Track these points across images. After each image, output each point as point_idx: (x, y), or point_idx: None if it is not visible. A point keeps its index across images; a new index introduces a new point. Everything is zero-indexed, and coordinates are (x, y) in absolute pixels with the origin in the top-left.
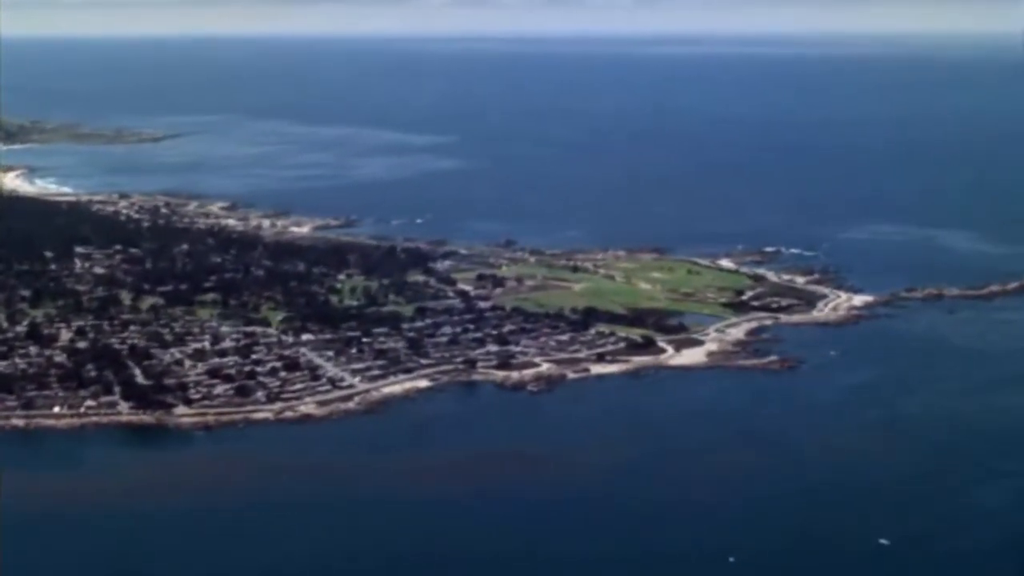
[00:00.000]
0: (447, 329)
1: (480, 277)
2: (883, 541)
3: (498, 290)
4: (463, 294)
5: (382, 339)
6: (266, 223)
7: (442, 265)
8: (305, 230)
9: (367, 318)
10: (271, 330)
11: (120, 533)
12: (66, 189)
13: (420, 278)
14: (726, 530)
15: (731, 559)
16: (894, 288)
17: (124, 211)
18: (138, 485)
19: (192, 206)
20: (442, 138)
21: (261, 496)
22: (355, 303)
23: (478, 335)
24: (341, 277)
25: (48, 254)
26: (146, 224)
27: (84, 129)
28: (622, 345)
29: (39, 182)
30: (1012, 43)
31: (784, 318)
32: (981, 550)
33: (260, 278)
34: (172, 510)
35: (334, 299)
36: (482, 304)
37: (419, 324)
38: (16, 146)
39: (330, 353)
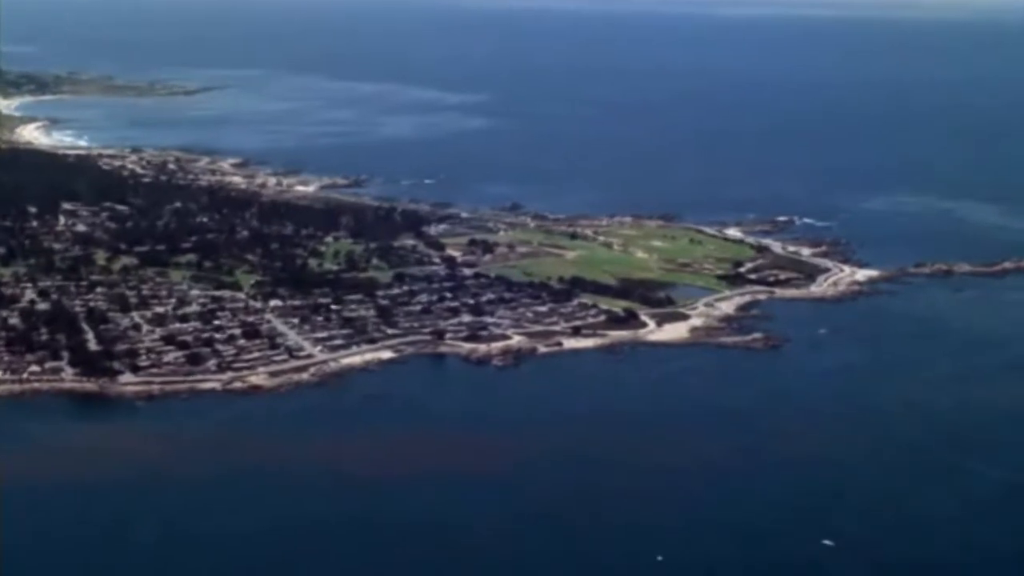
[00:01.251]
0: (423, 297)
1: (471, 243)
2: (827, 543)
3: (487, 256)
4: (449, 260)
5: (353, 306)
6: (272, 181)
7: (436, 229)
8: (310, 189)
9: (342, 284)
10: (240, 295)
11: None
12: (81, 142)
13: (410, 242)
14: (657, 526)
15: (659, 558)
16: (902, 263)
17: (130, 166)
18: (50, 456)
19: (203, 162)
20: (478, 96)
21: (164, 472)
22: (334, 268)
23: (454, 304)
24: (328, 240)
25: (32, 210)
26: (146, 181)
27: (118, 81)
28: (602, 318)
29: (56, 134)
30: None
31: (779, 292)
32: (924, 561)
33: (243, 240)
34: (73, 485)
35: (314, 263)
36: (466, 271)
37: (395, 291)
38: (47, 97)
39: (295, 320)
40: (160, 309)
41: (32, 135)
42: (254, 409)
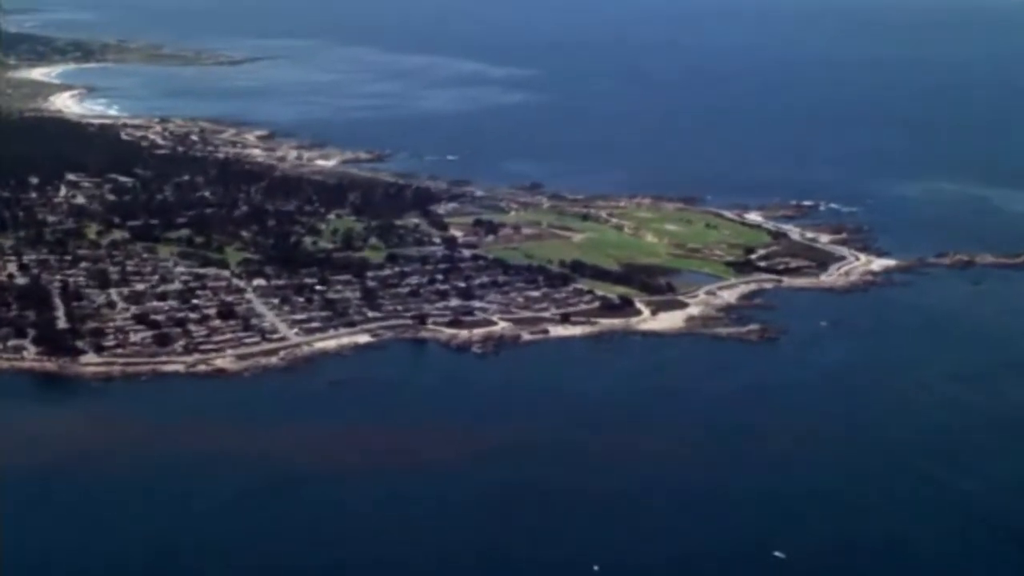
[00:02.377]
0: (413, 279)
1: (477, 223)
2: (778, 554)
3: (490, 237)
4: (449, 240)
5: (339, 287)
6: (293, 155)
7: (445, 208)
8: (330, 163)
9: (332, 263)
10: (226, 273)
11: None
12: (111, 111)
13: (415, 221)
14: (600, 528)
15: (595, 567)
16: (924, 252)
17: (152, 137)
18: None
19: (228, 134)
20: (526, 71)
21: (86, 458)
22: (329, 246)
23: (444, 287)
24: (331, 217)
25: (34, 180)
26: (162, 152)
27: (166, 50)
28: (596, 305)
29: (88, 103)
30: None
31: (788, 281)
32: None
33: (240, 215)
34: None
35: (309, 241)
36: (464, 253)
37: (385, 272)
38: (90, 65)
39: (276, 301)
40: (140, 286)
41: (64, 103)
42: (212, 393)
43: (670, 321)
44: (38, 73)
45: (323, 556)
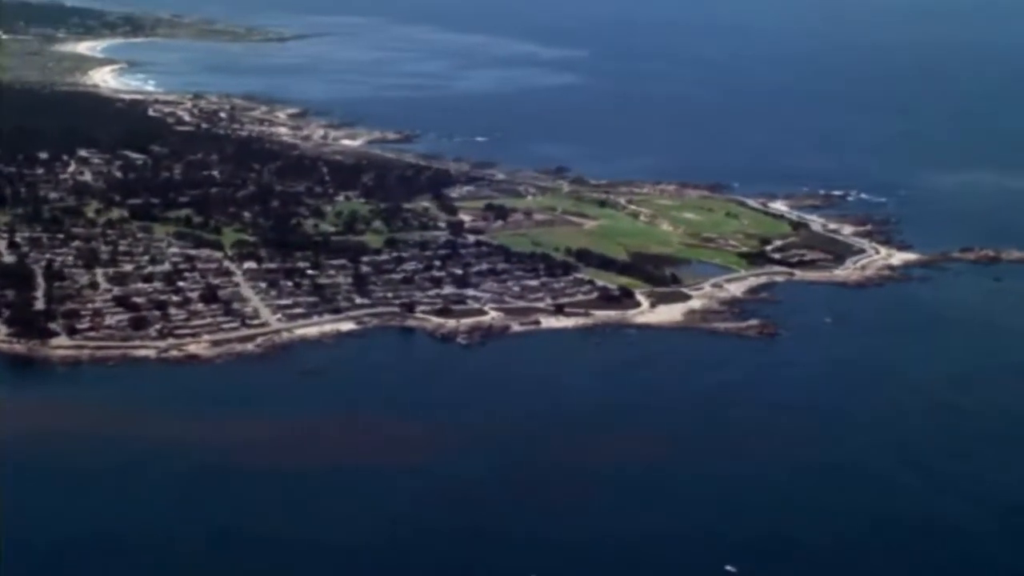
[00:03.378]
0: (409, 265)
1: (488, 207)
2: (729, 568)
3: (498, 223)
4: (455, 225)
5: (332, 272)
6: (319, 133)
7: (460, 191)
8: (355, 143)
9: (329, 247)
10: (218, 254)
11: None
12: (147, 87)
13: (424, 204)
14: (547, 534)
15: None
16: (949, 246)
17: (180, 113)
18: None
19: (259, 111)
20: (577, 52)
21: (21, 448)
22: (331, 229)
23: (440, 274)
24: (339, 199)
25: (43, 156)
26: (183, 129)
27: (218, 26)
28: (594, 296)
29: (125, 78)
30: None
31: (800, 274)
32: None
33: (245, 196)
34: None
35: (310, 223)
36: (468, 238)
37: (382, 257)
38: (138, 39)
39: (263, 284)
40: (128, 267)
41: (102, 78)
42: (176, 380)
43: (668, 314)
44: (84, 47)
45: (231, 551)
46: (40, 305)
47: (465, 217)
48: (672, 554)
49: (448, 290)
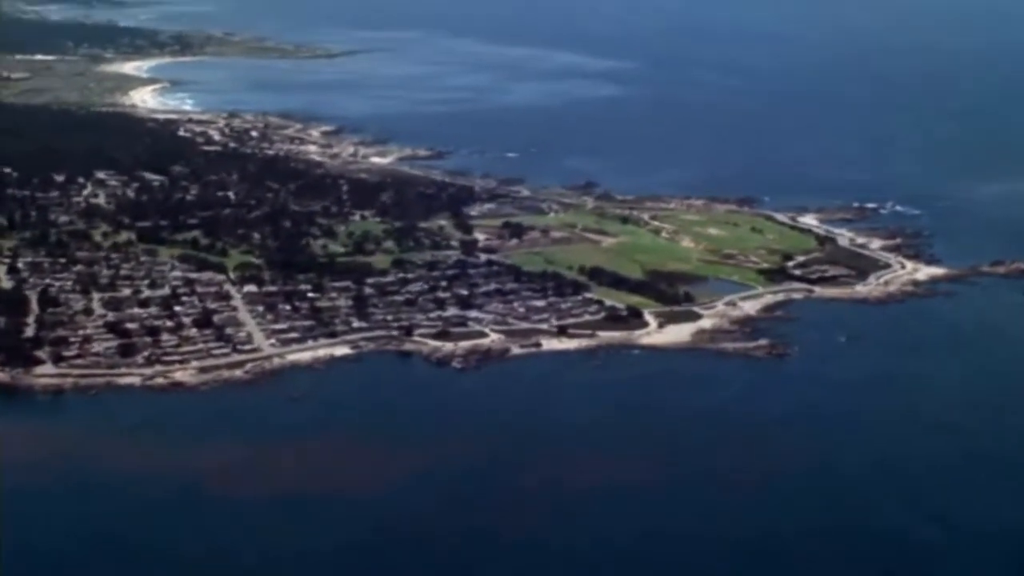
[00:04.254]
0: (414, 287)
1: (505, 225)
2: None
3: (513, 241)
4: (468, 245)
5: (333, 295)
6: (349, 151)
7: (480, 209)
8: (384, 161)
9: (334, 269)
10: (220, 277)
11: None
12: (186, 106)
13: (441, 223)
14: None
15: None
16: (979, 260)
17: (211, 133)
18: None
19: (292, 129)
20: (624, 63)
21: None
22: (340, 249)
23: (445, 295)
24: (355, 218)
25: (59, 178)
26: (210, 149)
27: (268, 43)
28: (601, 316)
29: (165, 97)
30: None
31: (819, 291)
32: None
33: (259, 216)
34: None
35: (319, 244)
36: (479, 258)
37: (388, 279)
38: (186, 58)
39: (261, 308)
40: (126, 291)
41: (142, 97)
42: (158, 408)
43: (676, 335)
44: (130, 67)
45: None
46: (30, 332)
47: (480, 236)
48: None
49: (451, 312)
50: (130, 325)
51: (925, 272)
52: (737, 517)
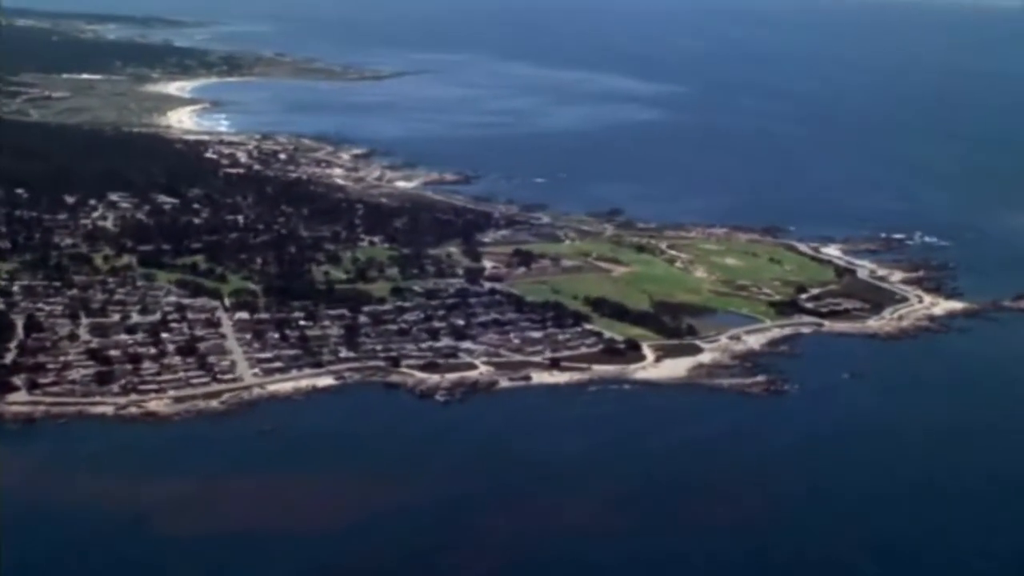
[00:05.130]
0: (410, 316)
1: (516, 253)
2: None
3: (521, 270)
4: (474, 272)
5: (326, 323)
6: (374, 175)
7: (493, 236)
8: (410, 185)
9: (331, 296)
10: (214, 303)
11: None
12: (220, 127)
13: (452, 249)
14: None
15: None
16: (1002, 294)
17: (239, 155)
18: None
19: (322, 152)
20: (675, 87)
21: None
22: (342, 276)
23: (440, 325)
24: (364, 243)
25: (70, 199)
26: (234, 171)
27: (318, 64)
28: (598, 348)
29: (202, 118)
30: None
31: (829, 325)
32: None
33: (265, 241)
34: None
35: (321, 271)
36: (483, 287)
37: (384, 307)
38: (232, 79)
39: (249, 336)
40: (116, 317)
41: (178, 118)
42: (125, 439)
43: (672, 369)
44: (174, 87)
45: None
46: (10, 358)
47: (488, 263)
48: None
49: (444, 342)
50: (113, 352)
51: (943, 306)
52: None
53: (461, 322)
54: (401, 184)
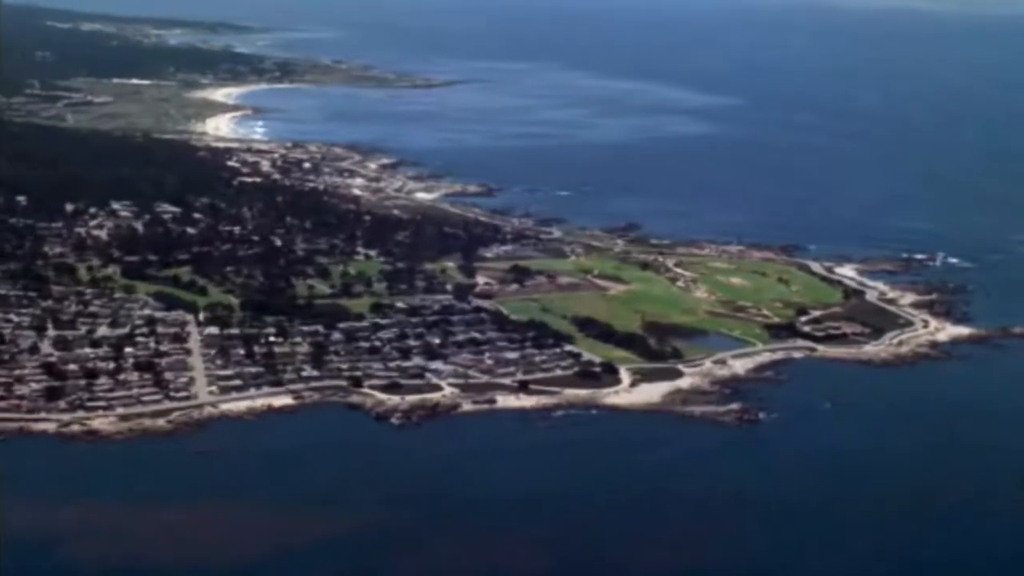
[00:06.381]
0: (385, 333)
1: (513, 269)
2: None
3: (514, 287)
4: (464, 289)
5: (297, 339)
6: (396, 185)
7: (496, 251)
8: (429, 196)
9: (308, 312)
10: (188, 317)
11: None
12: (254, 135)
13: (449, 264)
14: None
15: None
16: (1013, 322)
17: (262, 163)
18: None
19: (348, 162)
20: (729, 100)
21: None
22: (327, 290)
23: (415, 343)
24: (359, 257)
25: (69, 207)
26: (249, 180)
27: (374, 72)
28: (573, 371)
29: (239, 125)
30: None
31: (823, 350)
32: None
33: (255, 254)
34: None
35: (306, 284)
36: (468, 304)
37: (361, 324)
38: (282, 85)
39: (213, 352)
40: (83, 329)
41: (215, 125)
42: (56, 458)
43: (646, 395)
44: (221, 93)
45: None
46: None
47: (481, 279)
48: None
49: (414, 362)
50: (71, 367)
51: (948, 332)
52: None
53: (437, 341)
54: (420, 195)
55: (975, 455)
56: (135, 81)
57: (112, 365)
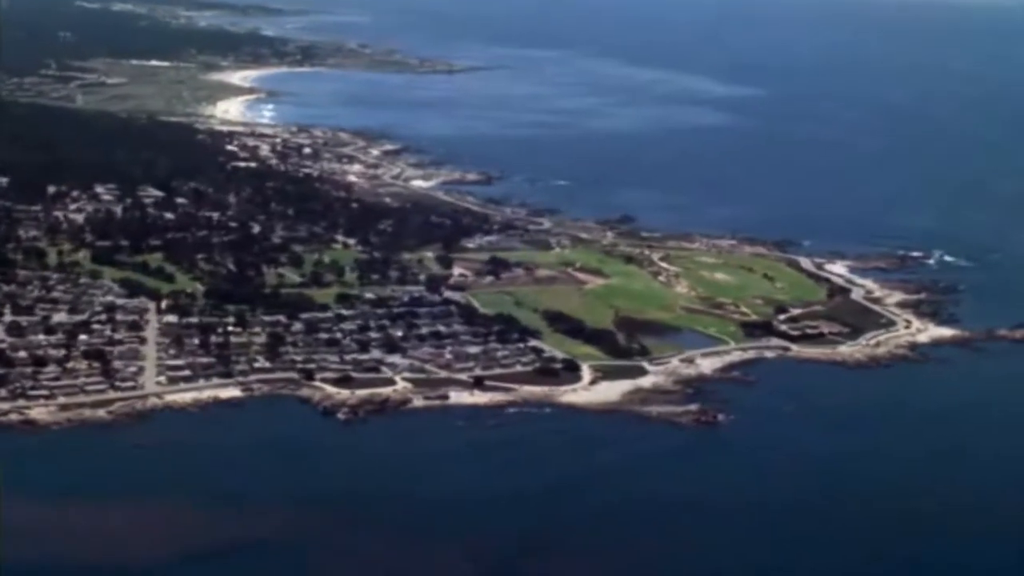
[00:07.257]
0: (347, 325)
1: (491, 261)
2: None
3: (489, 279)
4: (436, 280)
5: (256, 329)
6: (393, 172)
7: (478, 241)
8: (426, 184)
9: (272, 301)
10: (149, 304)
11: None
12: (263, 119)
13: (428, 254)
14: None
15: None
16: (999, 324)
17: (261, 148)
18: None
19: (351, 148)
20: (749, 90)
21: None
22: (297, 279)
23: (376, 335)
24: (337, 245)
25: (52, 190)
26: (243, 165)
27: (395, 56)
28: (533, 367)
29: (250, 109)
30: None
31: (796, 350)
32: None
33: (229, 241)
34: None
35: (277, 272)
36: (438, 296)
37: (324, 315)
38: (301, 69)
39: (168, 341)
40: (38, 315)
41: (225, 108)
42: None
43: (604, 393)
44: (238, 76)
45: None
46: None
47: (457, 271)
48: None
49: (371, 355)
50: (20, 354)
51: (931, 333)
52: None
53: (399, 333)
54: (417, 183)
55: (936, 461)
56: (154, 63)
57: (63, 353)
